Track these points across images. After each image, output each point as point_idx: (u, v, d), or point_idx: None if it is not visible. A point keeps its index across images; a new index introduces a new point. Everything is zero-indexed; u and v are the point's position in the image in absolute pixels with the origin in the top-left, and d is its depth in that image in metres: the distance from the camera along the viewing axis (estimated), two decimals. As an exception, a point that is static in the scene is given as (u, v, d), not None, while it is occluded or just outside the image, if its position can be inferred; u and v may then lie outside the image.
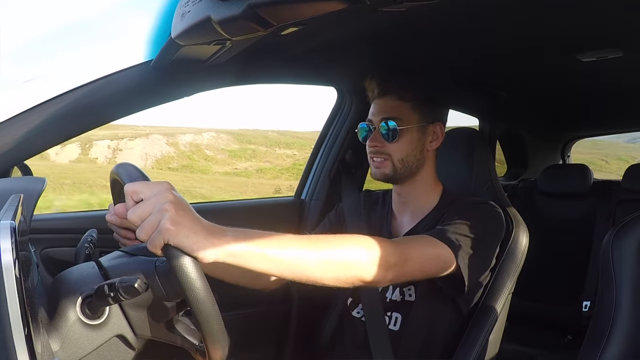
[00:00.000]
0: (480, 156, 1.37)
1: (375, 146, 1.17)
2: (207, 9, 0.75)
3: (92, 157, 19.82)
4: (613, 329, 0.81)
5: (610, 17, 1.13)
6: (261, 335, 1.56)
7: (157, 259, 0.82)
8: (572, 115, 2.57)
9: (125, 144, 20.60)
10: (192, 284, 0.67)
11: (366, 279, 0.87)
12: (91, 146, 20.07)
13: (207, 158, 22.29)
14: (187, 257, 0.67)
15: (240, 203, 2.02)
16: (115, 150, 20.34)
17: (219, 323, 0.71)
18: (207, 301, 0.69)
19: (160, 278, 0.79)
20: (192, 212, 0.69)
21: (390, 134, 1.15)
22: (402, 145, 1.16)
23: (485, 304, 1.17)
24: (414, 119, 1.16)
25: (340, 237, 0.89)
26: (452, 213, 1.11)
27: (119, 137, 20.64)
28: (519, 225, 1.26)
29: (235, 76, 1.32)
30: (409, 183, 1.21)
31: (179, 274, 0.67)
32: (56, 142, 1.11)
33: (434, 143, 1.20)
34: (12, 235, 0.53)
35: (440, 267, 1.01)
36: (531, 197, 2.61)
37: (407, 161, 1.17)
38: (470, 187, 1.34)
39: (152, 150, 20.48)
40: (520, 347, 2.14)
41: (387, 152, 1.17)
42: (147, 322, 0.81)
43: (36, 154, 1.10)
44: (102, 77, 1.13)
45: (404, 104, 1.16)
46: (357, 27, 1.16)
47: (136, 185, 0.69)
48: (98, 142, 20.22)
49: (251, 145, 23.02)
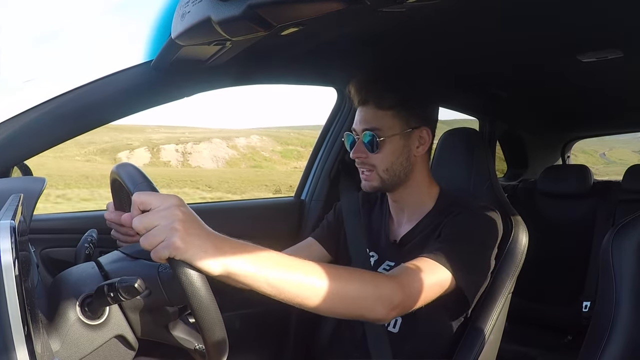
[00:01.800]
0: (480, 156, 1.37)
1: (360, 157, 1.15)
2: (207, 9, 0.75)
3: (164, 161, 21.61)
4: (613, 329, 0.81)
5: (610, 17, 1.13)
6: (261, 335, 1.56)
7: (160, 265, 0.82)
8: (572, 115, 2.57)
9: (192, 147, 22.35)
10: (197, 292, 0.67)
11: (368, 317, 0.89)
12: (158, 150, 21.95)
13: (266, 159, 23.60)
14: (191, 269, 0.67)
15: (241, 203, 2.02)
16: (185, 154, 22.15)
17: (221, 330, 0.71)
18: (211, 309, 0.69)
19: (163, 285, 0.79)
20: (202, 227, 0.69)
21: (372, 145, 1.13)
22: (385, 155, 1.14)
23: (485, 304, 1.17)
24: (396, 127, 1.13)
25: (348, 272, 0.88)
26: (449, 227, 1.10)
27: (182, 141, 22.49)
28: (518, 225, 1.26)
29: (235, 76, 1.32)
30: (401, 189, 1.20)
31: (183, 282, 0.67)
32: (56, 142, 1.11)
33: (420, 148, 1.17)
34: (12, 235, 0.53)
35: (441, 291, 1.02)
36: (531, 198, 2.61)
37: (392, 170, 1.15)
38: (469, 188, 1.34)
39: (218, 153, 22.27)
40: (520, 347, 2.14)
41: (371, 163, 1.15)
42: (147, 324, 0.81)
43: (36, 154, 1.10)
44: (102, 77, 1.13)
45: (384, 112, 1.13)
46: (357, 27, 1.16)
47: (145, 196, 0.69)
48: (164, 146, 22.12)
49: (290, 145, 23.98)
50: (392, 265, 1.19)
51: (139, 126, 23.83)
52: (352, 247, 1.26)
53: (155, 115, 34.91)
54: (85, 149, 20.89)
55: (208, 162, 21.61)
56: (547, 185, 2.58)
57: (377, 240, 1.26)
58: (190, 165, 21.47)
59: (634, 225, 0.86)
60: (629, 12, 1.10)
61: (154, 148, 21.59)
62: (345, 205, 1.36)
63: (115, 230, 1.08)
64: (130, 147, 21.44)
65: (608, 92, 1.99)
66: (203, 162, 21.79)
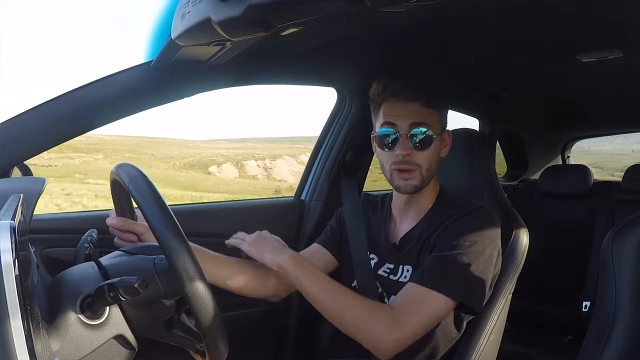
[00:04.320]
0: (480, 157, 1.37)
1: (407, 155, 1.11)
2: (207, 9, 0.75)
3: (251, 175, 26.02)
4: (613, 329, 0.81)
5: (610, 17, 1.13)
6: (261, 335, 1.56)
7: (156, 257, 0.82)
8: (572, 115, 2.57)
9: (270, 163, 26.93)
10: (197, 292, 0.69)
11: (367, 346, 1.04)
12: (242, 166, 26.40)
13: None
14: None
15: (241, 203, 2.02)
16: (267, 169, 26.72)
17: (218, 320, 0.71)
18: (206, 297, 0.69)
19: (159, 276, 0.80)
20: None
21: (423, 141, 1.11)
22: (431, 154, 1.13)
23: (485, 304, 1.17)
24: (439, 127, 1.14)
25: (357, 301, 1.06)
26: (448, 237, 1.09)
27: (260, 158, 27.13)
28: (519, 225, 1.26)
29: (235, 77, 1.32)
30: (423, 190, 1.19)
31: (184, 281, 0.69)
32: (56, 142, 1.11)
33: (444, 150, 1.19)
34: (11, 235, 0.53)
35: (441, 317, 1.07)
36: (531, 198, 2.61)
37: (432, 170, 1.15)
38: (469, 188, 1.34)
39: (294, 168, 26.07)
40: (520, 347, 2.14)
41: (416, 162, 1.12)
42: (146, 322, 0.81)
43: (36, 154, 1.10)
44: (102, 77, 1.13)
45: (430, 110, 1.12)
46: (357, 28, 1.15)
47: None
48: (246, 162, 26.59)
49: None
50: (391, 267, 1.19)
51: (180, 140, 29.00)
52: (353, 249, 1.26)
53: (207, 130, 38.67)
54: (171, 163, 25.57)
55: (288, 175, 25.53)
56: (547, 185, 2.58)
57: (377, 242, 1.26)
58: (275, 178, 25.56)
59: (633, 225, 0.86)
60: (629, 12, 1.10)
61: (238, 164, 25.88)
62: (346, 207, 1.36)
63: (118, 237, 1.08)
64: (215, 162, 25.70)
65: (608, 92, 1.99)
66: (282, 174, 25.98)
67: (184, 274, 0.71)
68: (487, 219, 1.13)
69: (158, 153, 26.23)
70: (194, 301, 0.71)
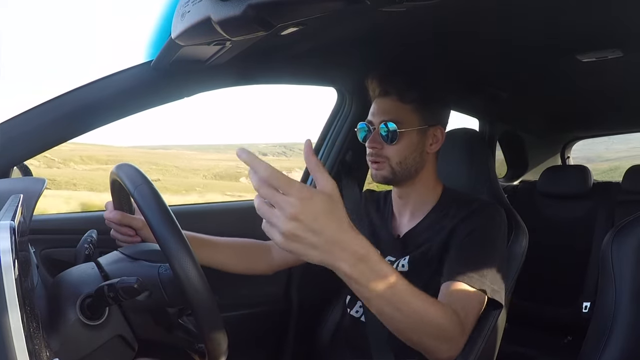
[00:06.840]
0: (480, 157, 1.37)
1: (374, 147, 1.16)
2: (207, 9, 0.75)
3: None
4: (613, 329, 0.81)
5: (610, 17, 1.13)
6: (261, 335, 1.56)
7: (160, 266, 0.82)
8: (572, 115, 2.57)
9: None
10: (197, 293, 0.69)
11: (438, 355, 0.91)
12: None
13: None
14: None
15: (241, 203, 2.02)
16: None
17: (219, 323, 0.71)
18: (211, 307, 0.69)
19: (163, 285, 0.80)
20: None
21: (389, 136, 1.14)
22: (401, 148, 1.15)
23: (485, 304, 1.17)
24: (415, 122, 1.15)
25: (425, 302, 0.87)
26: (462, 231, 1.09)
27: (288, 169, 28.84)
28: (519, 226, 1.26)
29: (235, 77, 1.32)
30: (408, 185, 1.21)
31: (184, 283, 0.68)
32: (56, 142, 1.11)
33: (433, 146, 1.19)
34: (11, 236, 0.53)
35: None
36: (531, 198, 2.61)
37: (405, 164, 1.16)
38: (469, 188, 1.34)
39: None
40: (520, 347, 2.14)
41: (385, 155, 1.16)
42: (147, 325, 0.81)
43: (36, 154, 1.10)
44: (102, 77, 1.13)
45: (405, 105, 1.15)
46: (357, 27, 1.16)
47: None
48: None
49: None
50: (392, 260, 1.19)
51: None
52: None
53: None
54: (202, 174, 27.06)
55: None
56: (547, 185, 2.58)
57: (378, 236, 1.26)
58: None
59: (633, 226, 0.86)
60: (629, 12, 1.10)
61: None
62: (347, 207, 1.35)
63: (115, 230, 1.08)
64: (241, 174, 26.17)
65: (608, 92, 1.99)
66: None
67: (190, 287, 0.71)
68: (500, 215, 1.15)
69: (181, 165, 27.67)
70: (198, 312, 0.71)
